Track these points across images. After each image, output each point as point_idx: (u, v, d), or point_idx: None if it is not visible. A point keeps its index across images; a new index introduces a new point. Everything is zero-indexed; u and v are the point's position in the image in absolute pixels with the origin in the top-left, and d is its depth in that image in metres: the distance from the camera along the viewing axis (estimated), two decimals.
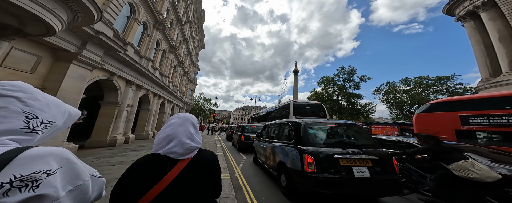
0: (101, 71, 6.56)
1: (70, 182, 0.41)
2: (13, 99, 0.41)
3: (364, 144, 2.54)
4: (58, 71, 4.67)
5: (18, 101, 0.42)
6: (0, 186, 0.31)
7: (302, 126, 2.71)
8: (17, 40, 3.78)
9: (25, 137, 0.42)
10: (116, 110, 7.77)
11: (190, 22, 18.63)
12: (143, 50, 9.30)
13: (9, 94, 0.41)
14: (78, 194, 0.43)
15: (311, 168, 2.08)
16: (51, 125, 0.48)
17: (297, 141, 2.63)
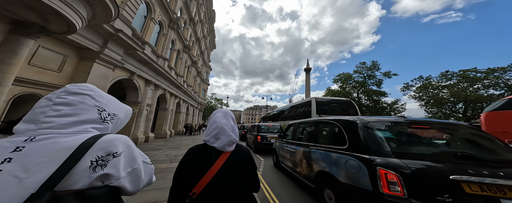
0: (123, 71, 6.64)
1: (129, 165, 0.50)
2: (87, 96, 0.54)
3: (498, 159, 1.45)
4: (83, 70, 4.70)
5: (90, 97, 0.54)
6: (90, 163, 0.43)
7: (362, 125, 1.84)
8: (43, 39, 3.80)
9: (100, 126, 0.54)
10: (137, 109, 7.91)
11: (202, 22, 18.77)
12: (159, 50, 9.39)
13: (84, 93, 0.54)
14: (134, 177, 0.51)
15: (396, 190, 1.30)
16: (116, 117, 0.61)
17: (355, 146, 1.80)
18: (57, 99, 0.49)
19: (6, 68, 2.98)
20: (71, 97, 0.51)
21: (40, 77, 3.79)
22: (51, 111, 0.47)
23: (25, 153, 0.40)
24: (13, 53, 3.08)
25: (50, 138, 0.43)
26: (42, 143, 0.42)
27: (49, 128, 0.45)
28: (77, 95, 0.52)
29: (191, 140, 10.55)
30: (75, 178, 0.40)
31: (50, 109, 0.47)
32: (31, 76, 3.61)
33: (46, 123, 0.45)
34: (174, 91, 12.47)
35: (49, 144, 0.42)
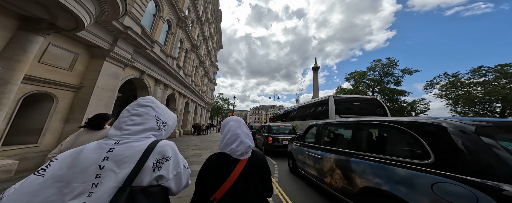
0: (133, 70, 6.57)
1: (175, 168, 0.63)
2: (150, 107, 0.69)
3: None
4: (93, 69, 4.61)
5: (152, 109, 0.69)
6: (152, 164, 0.57)
7: (465, 131, 1.19)
8: (53, 36, 3.71)
9: (157, 133, 0.68)
10: None
11: (209, 21, 18.73)
12: (168, 49, 9.32)
13: (148, 104, 0.69)
14: (177, 179, 0.63)
15: None
16: (167, 125, 0.73)
17: (453, 163, 1.17)
18: (132, 111, 0.67)
19: (15, 65, 2.86)
20: (140, 109, 0.67)
21: (51, 76, 3.70)
22: (128, 120, 0.64)
23: (115, 153, 0.55)
24: (22, 50, 2.97)
25: (128, 142, 0.59)
26: (124, 146, 0.58)
27: (128, 134, 0.62)
28: (144, 107, 0.68)
29: (199, 140, 10.42)
30: (143, 176, 0.55)
31: (128, 118, 0.65)
32: (42, 74, 3.52)
33: (126, 130, 0.62)
34: (183, 91, 12.46)
35: (128, 147, 0.58)
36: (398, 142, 1.71)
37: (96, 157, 0.53)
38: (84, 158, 0.52)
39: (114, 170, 0.52)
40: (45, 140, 3.65)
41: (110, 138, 0.60)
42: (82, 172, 0.50)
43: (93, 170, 0.51)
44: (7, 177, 2.72)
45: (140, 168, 0.54)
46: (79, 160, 0.51)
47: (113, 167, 0.52)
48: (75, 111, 4.20)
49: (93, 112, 4.54)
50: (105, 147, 0.56)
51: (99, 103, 4.68)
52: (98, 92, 4.63)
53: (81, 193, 0.47)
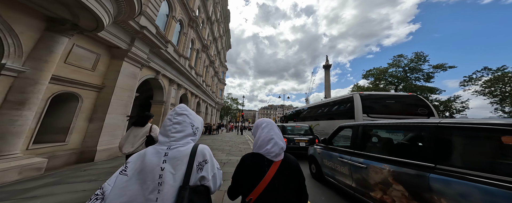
0: (149, 70, 6.69)
1: (212, 170, 0.73)
2: (185, 115, 0.78)
3: None
4: (114, 69, 4.70)
5: (187, 116, 0.78)
6: (196, 166, 0.68)
7: None
8: (77, 37, 3.80)
9: (193, 137, 0.78)
10: (162, 108, 8.01)
11: (218, 21, 18.82)
12: (181, 49, 9.43)
13: (183, 113, 0.78)
14: (214, 180, 0.73)
15: None
16: (198, 129, 0.82)
17: None
18: (173, 120, 0.76)
19: (42, 66, 2.93)
20: (179, 118, 0.76)
21: (76, 76, 3.80)
22: (172, 128, 0.74)
23: (169, 157, 0.67)
24: (49, 51, 3.04)
25: (176, 147, 0.70)
26: (174, 151, 0.69)
27: (174, 140, 0.72)
28: (181, 115, 0.77)
29: (211, 140, 10.43)
30: (192, 177, 0.66)
31: (171, 127, 0.74)
32: (68, 75, 3.62)
33: (172, 137, 0.73)
34: (195, 91, 12.62)
35: (177, 152, 0.69)
36: None
37: (157, 160, 0.65)
38: (149, 161, 0.64)
39: (171, 171, 0.64)
40: (72, 138, 3.77)
41: (161, 144, 0.71)
42: (151, 172, 0.62)
43: (157, 171, 0.62)
44: (38, 174, 2.78)
45: (190, 169, 0.65)
46: (146, 163, 0.64)
47: (170, 169, 0.64)
48: (98, 110, 4.31)
49: (114, 111, 4.64)
50: (161, 152, 0.68)
51: (119, 102, 4.78)
52: (118, 92, 4.72)
53: (153, 189, 0.59)
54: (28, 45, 2.85)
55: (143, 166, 0.63)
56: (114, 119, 4.62)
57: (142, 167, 0.63)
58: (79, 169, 3.24)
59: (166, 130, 0.73)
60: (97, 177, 2.83)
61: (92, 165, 3.64)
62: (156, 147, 0.70)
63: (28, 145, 2.93)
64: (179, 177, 0.63)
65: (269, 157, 0.79)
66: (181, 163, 0.66)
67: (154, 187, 0.59)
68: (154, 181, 0.60)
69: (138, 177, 0.61)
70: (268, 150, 0.80)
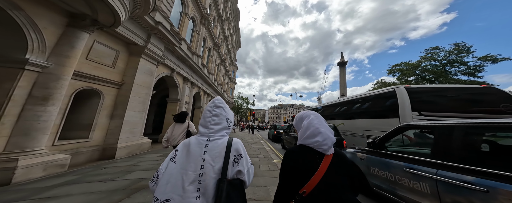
0: (164, 68, 6.69)
1: (247, 164, 0.74)
2: (222, 108, 0.80)
3: None
4: (132, 66, 4.68)
5: (223, 109, 0.80)
6: (232, 160, 0.70)
7: None
8: (97, 34, 3.78)
9: (228, 130, 0.80)
10: (177, 106, 8.04)
11: (229, 19, 18.73)
12: (194, 47, 9.42)
13: (221, 105, 0.81)
14: (248, 174, 0.74)
15: None
16: (231, 123, 0.83)
17: None
18: (213, 112, 0.78)
19: (64, 61, 2.89)
20: (217, 110, 0.79)
21: (97, 73, 3.80)
22: (211, 120, 0.77)
23: (209, 148, 0.71)
24: (71, 46, 3.00)
25: (214, 139, 0.73)
26: (213, 143, 0.72)
27: (213, 132, 0.75)
28: (218, 108, 0.80)
29: None
30: (228, 170, 0.68)
31: (211, 119, 0.77)
32: (90, 71, 3.62)
33: (211, 129, 0.76)
34: (207, 89, 12.65)
35: (215, 144, 0.72)
36: None
37: (199, 150, 0.71)
38: (193, 151, 0.71)
39: (210, 163, 0.68)
40: (95, 135, 3.78)
41: (202, 135, 0.76)
42: (194, 162, 0.68)
43: (199, 161, 0.68)
44: (61, 171, 2.75)
45: (227, 162, 0.69)
46: (191, 152, 0.70)
47: (210, 161, 0.68)
48: (118, 107, 4.31)
49: (132, 109, 4.63)
50: (202, 142, 0.73)
51: (137, 99, 4.76)
52: (137, 89, 4.69)
53: (194, 180, 0.64)
54: (51, 40, 2.83)
55: (188, 155, 0.69)
56: (133, 116, 4.61)
57: (187, 156, 0.69)
58: (100, 167, 3.19)
59: (206, 121, 0.77)
60: (114, 176, 2.71)
61: (112, 162, 3.61)
62: (198, 138, 0.75)
63: (54, 141, 2.94)
64: (218, 169, 0.67)
65: (320, 150, 0.75)
66: (219, 155, 0.69)
67: (194, 178, 0.63)
68: (195, 171, 0.65)
69: (182, 165, 0.66)
70: (319, 142, 0.75)
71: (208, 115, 0.77)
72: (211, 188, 0.62)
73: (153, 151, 5.14)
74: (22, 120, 2.45)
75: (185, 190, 0.60)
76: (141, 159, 4.07)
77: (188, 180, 0.62)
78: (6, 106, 2.33)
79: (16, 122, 2.41)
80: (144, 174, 2.84)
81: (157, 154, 4.78)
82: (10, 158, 2.25)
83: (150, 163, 3.68)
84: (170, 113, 7.82)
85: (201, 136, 0.74)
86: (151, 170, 3.13)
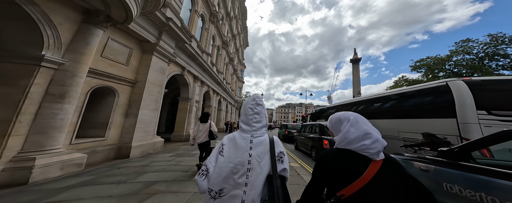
0: (175, 66, 6.63)
1: (287, 163, 0.76)
2: (262, 106, 0.82)
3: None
4: (144, 64, 4.62)
5: (263, 107, 0.82)
6: (277, 155, 0.73)
7: None
8: (111, 31, 3.72)
9: (266, 128, 0.81)
10: (188, 105, 8.00)
11: (237, 18, 18.55)
12: (203, 45, 9.34)
13: (261, 103, 0.82)
14: (287, 173, 0.75)
15: None
16: (267, 119, 0.85)
17: None
18: (255, 109, 0.79)
19: (79, 58, 2.82)
20: (258, 108, 0.80)
21: (112, 70, 3.75)
22: (253, 118, 0.78)
23: (254, 145, 0.73)
24: (85, 43, 2.93)
25: (257, 136, 0.75)
26: (257, 139, 0.74)
27: (255, 130, 0.77)
28: (260, 106, 0.81)
29: None
30: (276, 167, 0.70)
31: (253, 116, 0.78)
32: (105, 68, 3.57)
33: (253, 126, 0.77)
34: (216, 88, 12.59)
35: (259, 141, 0.74)
36: None
37: (245, 146, 0.73)
38: (240, 145, 0.73)
39: (257, 159, 0.70)
40: (111, 134, 3.75)
41: (245, 132, 0.78)
42: (241, 157, 0.70)
43: (246, 157, 0.70)
44: (78, 170, 2.69)
45: (273, 159, 0.71)
46: (238, 147, 0.73)
47: (256, 157, 0.70)
48: (132, 106, 4.26)
49: (146, 107, 4.57)
50: (247, 138, 0.75)
51: (150, 97, 4.70)
52: (150, 87, 4.63)
53: (242, 174, 0.66)
54: (66, 37, 2.77)
55: (235, 150, 0.72)
56: (146, 115, 4.55)
57: (234, 150, 0.72)
58: (115, 167, 3.11)
59: (248, 119, 0.79)
60: (127, 177, 2.59)
61: (126, 162, 3.54)
62: (241, 134, 0.77)
63: (71, 140, 2.90)
64: (264, 166, 0.69)
65: (367, 154, 0.62)
66: (264, 152, 0.72)
67: (243, 172, 0.67)
68: (243, 166, 0.68)
69: (230, 159, 0.69)
70: (366, 146, 0.62)
71: (250, 112, 0.78)
72: (259, 184, 0.64)
73: (165, 150, 5.08)
74: (40, 118, 2.40)
75: (235, 182, 0.64)
76: (154, 159, 3.97)
77: (237, 173, 0.65)
78: (23, 103, 2.29)
79: (33, 120, 2.36)
80: (155, 177, 2.69)
81: (169, 153, 4.69)
82: (28, 157, 2.20)
83: (163, 163, 3.56)
84: (181, 111, 7.82)
85: (244, 132, 0.77)
86: (163, 172, 2.98)
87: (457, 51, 15.32)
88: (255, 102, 0.80)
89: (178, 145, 6.40)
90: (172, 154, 4.58)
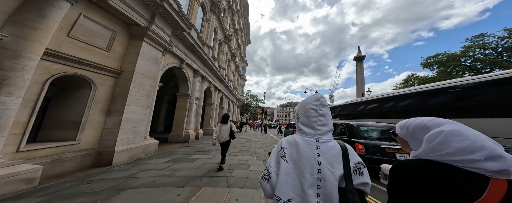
0: (172, 57, 5.84)
1: (368, 177, 0.63)
2: (327, 107, 0.69)
3: None
4: (133, 51, 3.82)
5: (328, 109, 0.69)
6: (353, 168, 0.59)
7: None
8: (85, 6, 2.93)
9: (332, 133, 0.69)
10: (187, 102, 7.24)
11: (239, 12, 17.65)
12: (204, 36, 8.53)
13: (326, 104, 0.70)
14: (367, 188, 0.63)
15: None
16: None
17: None
18: (319, 111, 0.67)
19: (29, 33, 2.03)
20: (324, 109, 0.68)
21: (86, 55, 2.97)
22: (318, 121, 0.66)
23: (322, 151, 0.60)
24: (39, 15, 2.13)
25: (325, 142, 0.63)
26: (325, 145, 0.62)
27: (320, 134, 0.65)
28: (325, 107, 0.69)
29: (237, 140, 9.35)
30: (352, 179, 0.58)
31: (317, 118, 0.66)
32: (74, 52, 2.79)
33: (318, 130, 0.65)
34: (218, 85, 11.81)
35: (328, 147, 0.62)
36: None
37: (311, 152, 0.61)
38: (304, 151, 0.61)
39: (329, 168, 0.58)
40: (85, 136, 2.98)
41: (307, 135, 0.66)
42: (308, 164, 0.59)
43: (314, 164, 0.59)
44: (28, 188, 1.93)
45: (349, 170, 0.58)
46: (301, 152, 0.61)
47: (327, 165, 0.58)
48: (117, 101, 3.48)
49: (134, 103, 3.80)
50: (311, 143, 0.63)
51: (140, 91, 3.92)
52: (139, 79, 3.85)
53: (312, 184, 0.56)
54: (8, 5, 1.98)
55: (300, 155, 0.62)
56: (135, 112, 3.78)
57: (298, 156, 0.62)
58: (85, 180, 2.34)
59: (311, 121, 0.67)
60: (95, 198, 1.81)
61: (106, 171, 2.78)
62: (303, 138, 0.66)
63: (19, 146, 2.12)
64: (338, 176, 0.58)
65: (487, 172, 0.44)
66: (336, 160, 0.60)
67: (313, 182, 0.57)
68: (312, 175, 0.58)
69: (296, 166, 0.60)
70: (479, 162, 0.44)
71: (313, 114, 0.67)
72: (335, 197, 0.55)
73: (160, 154, 4.32)
74: None
75: (305, 193, 0.56)
76: (144, 166, 3.21)
77: (306, 183, 0.57)
78: None
79: None
80: (139, 197, 1.91)
81: (164, 158, 3.93)
82: None
83: (153, 173, 2.78)
84: (180, 109, 7.07)
85: (306, 136, 0.66)
86: (151, 187, 2.20)
87: (473, 46, 14.40)
88: (319, 102, 0.68)
89: (176, 147, 5.64)
90: (167, 160, 3.81)
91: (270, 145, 7.32)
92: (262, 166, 3.75)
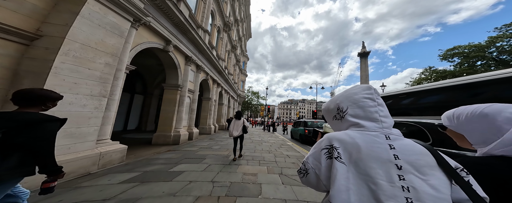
0: (153, 35, 4.42)
1: (478, 186, 0.45)
2: (381, 98, 0.52)
3: None
4: (67, 8, 2.41)
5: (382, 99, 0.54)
6: (457, 178, 0.38)
7: None
8: None
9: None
10: (178, 95, 5.88)
11: (239, 1, 16.06)
12: (198, 18, 7.09)
13: (377, 93, 0.53)
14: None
15: None
16: None
17: None
18: (377, 100, 0.51)
19: None
20: (380, 99, 0.52)
21: None
22: (379, 111, 0.49)
23: (399, 152, 0.41)
24: None
25: (397, 139, 0.44)
26: (399, 143, 0.43)
27: (386, 127, 0.47)
28: (379, 96, 0.52)
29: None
30: (461, 192, 0.38)
31: (377, 108, 0.49)
32: None
33: (384, 122, 0.47)
34: (217, 77, 10.41)
35: (404, 145, 0.42)
36: None
37: (383, 152, 0.41)
38: (370, 151, 0.42)
39: (416, 174, 0.38)
40: None
41: (369, 129, 0.47)
42: (380, 169, 0.39)
43: (392, 168, 0.39)
44: None
45: (463, 181, 0.38)
46: (366, 152, 0.42)
47: (412, 171, 0.39)
48: (24, 82, 2.10)
49: (68, 87, 2.42)
50: (381, 141, 0.43)
51: (82, 71, 2.49)
52: (78, 51, 2.43)
53: (395, 195, 0.36)
54: None
55: (364, 156, 0.41)
56: (73, 104, 2.41)
57: (360, 156, 0.42)
58: None
59: (370, 112, 0.49)
60: None
61: None
62: (366, 133, 0.46)
63: None
64: (438, 186, 0.36)
65: None
66: (426, 164, 0.39)
67: (395, 192, 0.36)
68: (391, 182, 0.37)
69: (358, 169, 0.40)
70: None
71: (370, 103, 0.49)
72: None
73: (126, 166, 2.96)
74: None
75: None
76: (74, 194, 1.87)
77: (382, 192, 0.36)
78: None
79: None
80: None
81: (127, 174, 2.58)
82: None
83: None
84: (168, 103, 5.71)
85: (367, 130, 0.46)
86: None
87: (499, 37, 12.79)
88: (372, 90, 0.52)
89: (159, 151, 4.29)
90: (130, 177, 2.48)
91: (279, 147, 5.96)
92: (281, 186, 2.38)
